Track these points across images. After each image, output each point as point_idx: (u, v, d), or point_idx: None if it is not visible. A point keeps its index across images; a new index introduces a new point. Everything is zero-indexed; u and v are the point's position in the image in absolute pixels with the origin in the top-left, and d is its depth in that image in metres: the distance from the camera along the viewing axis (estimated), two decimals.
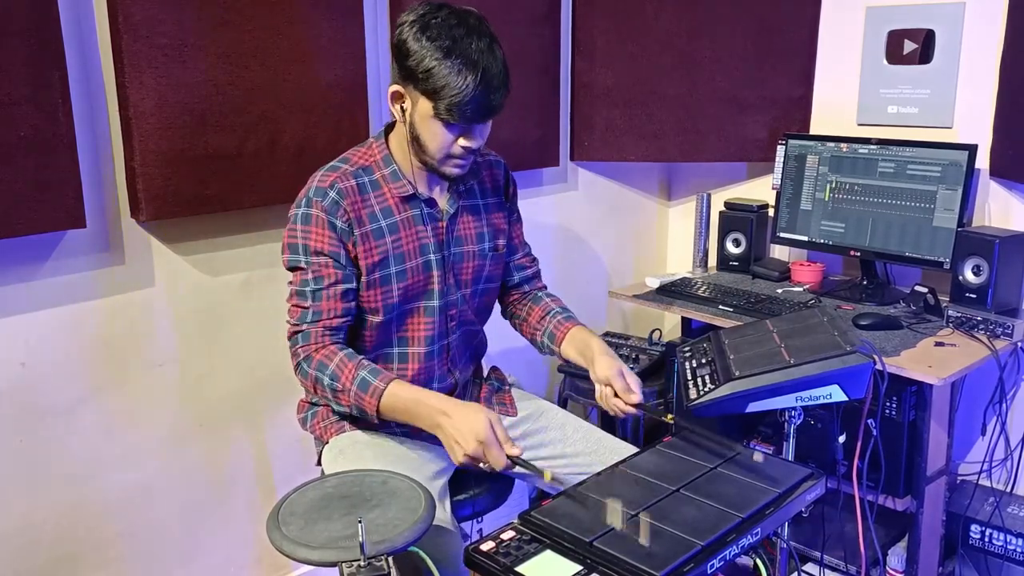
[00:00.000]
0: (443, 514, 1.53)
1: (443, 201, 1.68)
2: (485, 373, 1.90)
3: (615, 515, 1.26)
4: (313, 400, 1.76)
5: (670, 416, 1.56)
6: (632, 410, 1.62)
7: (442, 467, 1.68)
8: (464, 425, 1.45)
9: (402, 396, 1.53)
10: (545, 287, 1.92)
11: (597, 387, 1.67)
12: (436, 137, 1.54)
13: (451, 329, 1.72)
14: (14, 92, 1.61)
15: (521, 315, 1.87)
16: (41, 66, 1.64)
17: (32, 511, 1.82)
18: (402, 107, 1.56)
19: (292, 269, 1.61)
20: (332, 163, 1.63)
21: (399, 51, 1.51)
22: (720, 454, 1.45)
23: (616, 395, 1.63)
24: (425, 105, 1.51)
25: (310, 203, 1.57)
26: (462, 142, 1.55)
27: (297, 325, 1.59)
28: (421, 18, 1.49)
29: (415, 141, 1.57)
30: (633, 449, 1.69)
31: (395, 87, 1.55)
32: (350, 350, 1.59)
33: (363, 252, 1.59)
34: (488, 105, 1.51)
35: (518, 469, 1.48)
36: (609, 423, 2.68)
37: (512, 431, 1.76)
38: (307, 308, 1.58)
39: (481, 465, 1.46)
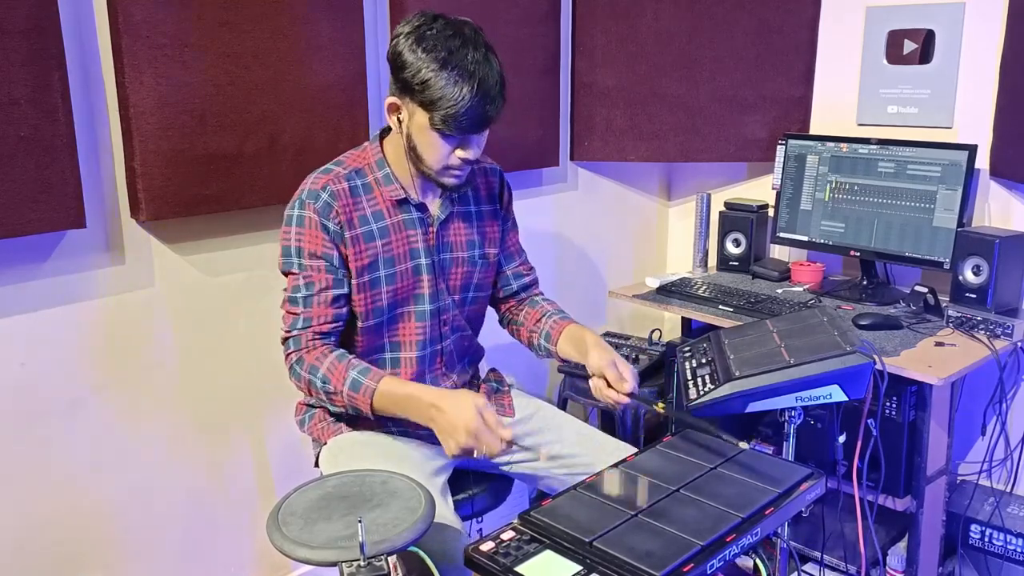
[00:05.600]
0: (446, 511, 1.53)
1: (435, 207, 1.68)
2: (484, 374, 1.90)
3: (615, 515, 1.26)
4: (310, 402, 1.77)
5: (661, 405, 1.57)
6: (626, 399, 1.61)
7: (442, 464, 1.68)
8: (455, 418, 1.45)
9: (394, 392, 1.54)
10: (542, 293, 1.91)
11: (592, 379, 1.66)
12: (433, 148, 1.54)
13: (444, 334, 1.72)
14: (14, 92, 1.61)
15: (518, 320, 1.87)
16: (41, 66, 1.64)
17: (32, 511, 1.82)
18: (398, 118, 1.56)
19: (286, 273, 1.62)
20: (326, 166, 1.64)
21: (395, 63, 1.51)
22: (720, 454, 1.45)
23: (610, 386, 1.62)
24: (422, 116, 1.51)
25: (303, 205, 1.58)
26: (459, 153, 1.56)
27: (289, 331, 1.60)
28: (416, 30, 1.49)
29: (412, 152, 1.57)
30: (631, 450, 1.69)
31: (392, 99, 1.55)
32: (341, 351, 1.60)
33: (353, 254, 1.59)
34: (485, 116, 1.51)
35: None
36: (609, 424, 2.69)
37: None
38: (298, 315, 1.59)
39: (476, 455, 1.46)
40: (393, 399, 1.53)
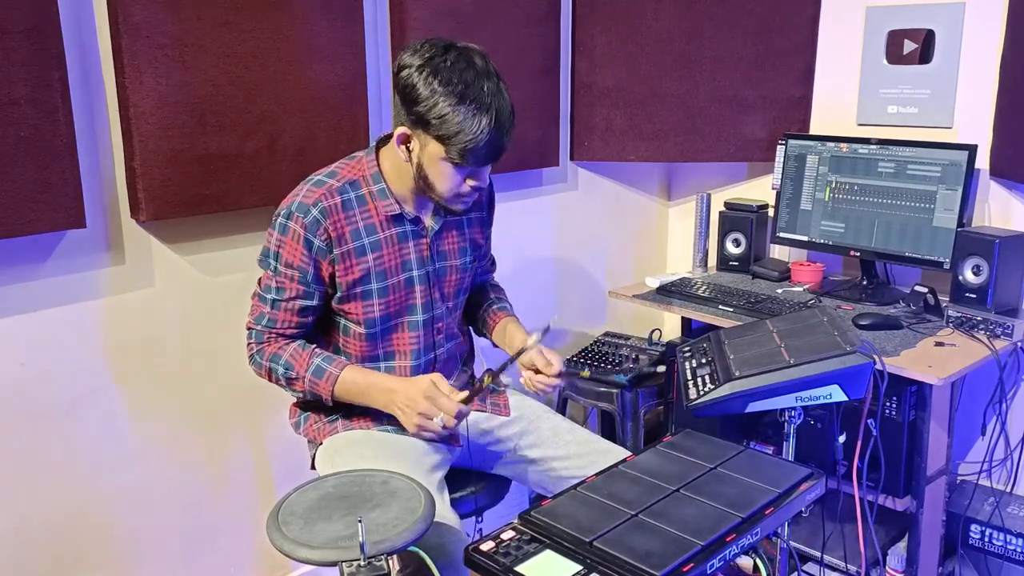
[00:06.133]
0: (443, 509, 1.54)
1: (429, 219, 1.69)
2: (479, 375, 1.90)
3: (615, 515, 1.26)
4: (303, 404, 1.78)
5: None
6: (556, 381, 1.69)
7: (438, 461, 1.68)
8: (410, 391, 1.55)
9: (356, 381, 1.61)
10: (492, 277, 1.98)
11: (523, 373, 1.73)
12: (446, 178, 1.55)
13: (438, 342, 1.74)
14: (14, 92, 1.61)
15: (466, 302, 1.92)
16: (41, 66, 1.64)
17: (32, 511, 1.82)
18: (408, 147, 1.56)
19: (262, 267, 1.65)
20: (319, 176, 1.63)
21: (407, 95, 1.50)
22: (720, 454, 1.45)
23: (539, 373, 1.70)
24: (436, 148, 1.51)
25: (291, 216, 1.58)
26: (470, 182, 1.57)
27: (253, 324, 1.65)
28: (429, 61, 1.48)
29: (423, 180, 1.58)
30: (625, 451, 1.70)
31: (402, 129, 1.54)
32: (302, 340, 1.65)
33: (342, 270, 1.60)
34: (500, 147, 1.53)
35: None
36: (609, 424, 2.68)
37: (505, 430, 1.78)
38: (264, 312, 1.63)
39: (436, 422, 1.53)
40: (356, 386, 1.61)
